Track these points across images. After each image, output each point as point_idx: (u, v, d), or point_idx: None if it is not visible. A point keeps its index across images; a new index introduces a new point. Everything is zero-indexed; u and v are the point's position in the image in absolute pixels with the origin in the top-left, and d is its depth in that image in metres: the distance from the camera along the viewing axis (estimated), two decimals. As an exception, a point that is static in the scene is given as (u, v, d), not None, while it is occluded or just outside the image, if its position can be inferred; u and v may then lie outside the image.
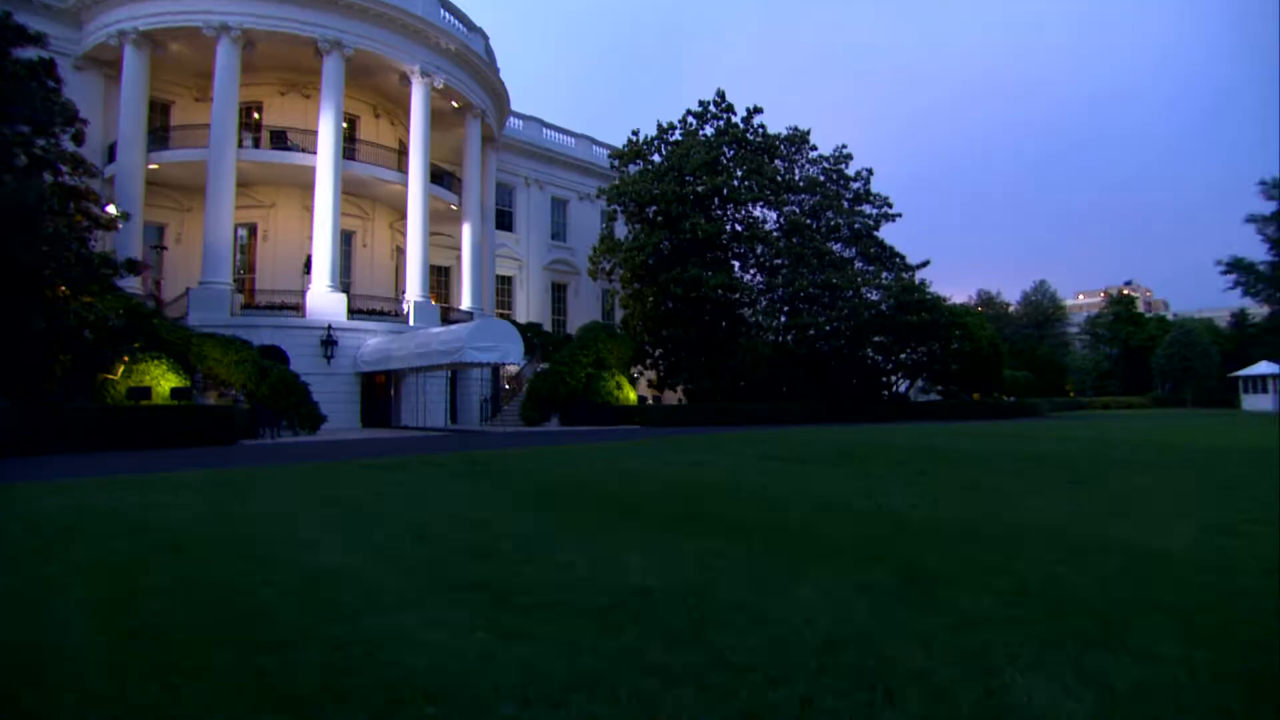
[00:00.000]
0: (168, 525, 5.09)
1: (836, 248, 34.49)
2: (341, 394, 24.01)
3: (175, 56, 25.66)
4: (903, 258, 35.13)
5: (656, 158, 33.72)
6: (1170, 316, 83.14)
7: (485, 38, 30.63)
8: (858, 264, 34.78)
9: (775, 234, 32.85)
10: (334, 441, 16.89)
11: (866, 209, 35.13)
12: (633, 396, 27.81)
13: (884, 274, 34.21)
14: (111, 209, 20.60)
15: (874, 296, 32.69)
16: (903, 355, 35.48)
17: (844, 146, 35.17)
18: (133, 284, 23.93)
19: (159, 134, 26.30)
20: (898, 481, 7.53)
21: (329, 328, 23.76)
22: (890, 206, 35.42)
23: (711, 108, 32.86)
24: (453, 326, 22.02)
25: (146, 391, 16.18)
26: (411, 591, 3.32)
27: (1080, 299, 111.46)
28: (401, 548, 4.28)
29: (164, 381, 16.88)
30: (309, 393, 19.53)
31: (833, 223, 34.80)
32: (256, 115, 27.97)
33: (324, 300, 24.21)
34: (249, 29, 24.04)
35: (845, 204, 35.07)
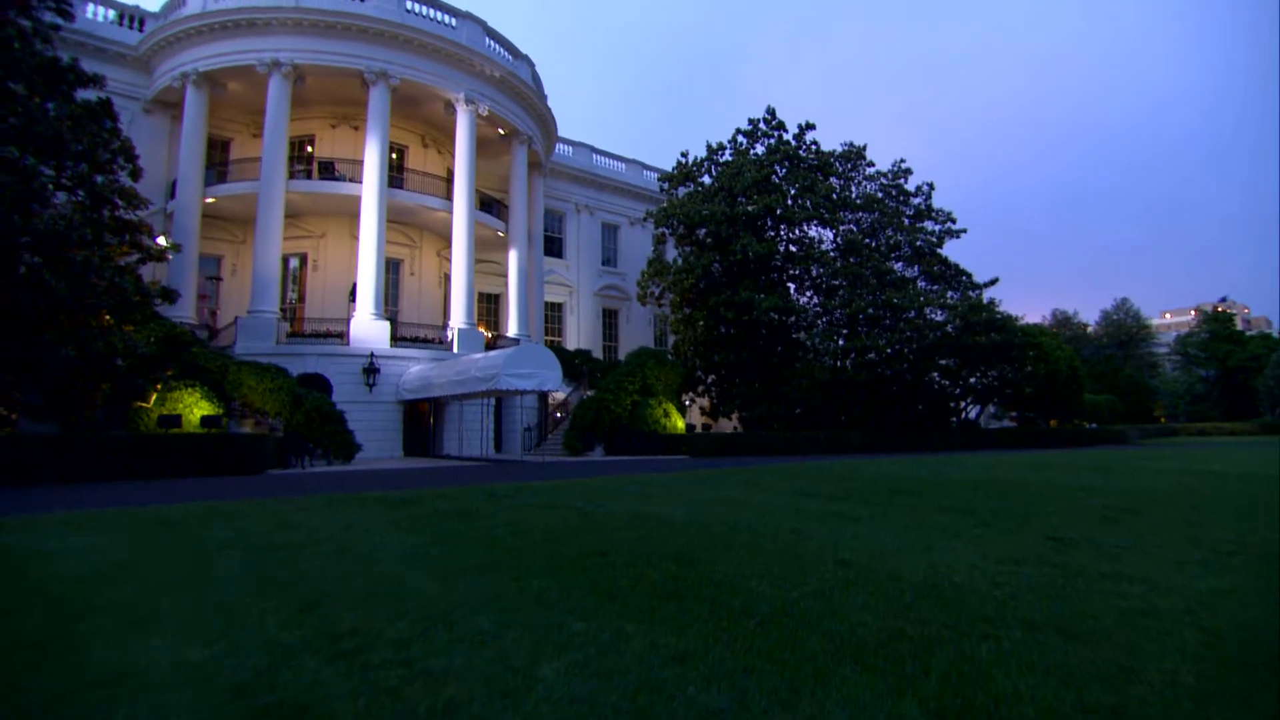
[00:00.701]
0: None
1: (898, 267, 32.57)
2: (383, 422, 23.55)
3: (234, 95, 26.23)
4: (969, 275, 32.88)
5: (706, 179, 32.70)
6: (1277, 334, 76.30)
7: (531, 65, 30.41)
8: (920, 283, 32.72)
9: (831, 254, 31.23)
10: (364, 472, 16.19)
11: (928, 225, 33.12)
12: (680, 425, 26.49)
13: (949, 293, 32.06)
14: (162, 240, 20.80)
15: (939, 317, 30.56)
16: (971, 379, 33.09)
17: (902, 161, 33.39)
18: (187, 313, 24.31)
19: (219, 169, 26.86)
20: (959, 532, 6.04)
21: (371, 355, 23.40)
22: (954, 222, 33.32)
23: (762, 125, 31.68)
24: (491, 353, 21.28)
25: (177, 419, 15.89)
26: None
27: (1167, 318, 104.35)
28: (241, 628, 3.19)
29: (196, 409, 16.61)
30: (344, 421, 19.01)
31: (892, 240, 32.91)
32: (309, 148, 28.32)
33: (367, 328, 23.93)
34: (299, 64, 24.30)
35: (905, 221, 33.18)
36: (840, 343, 31.03)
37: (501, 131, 29.64)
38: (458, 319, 26.25)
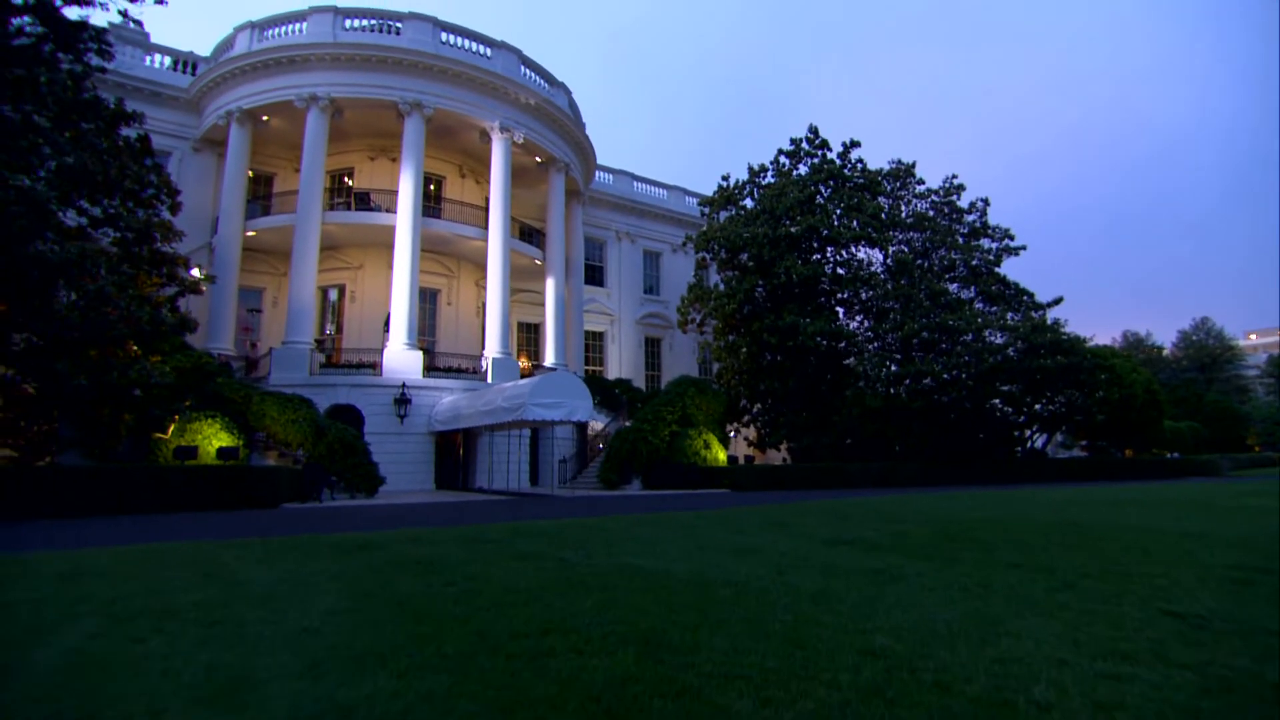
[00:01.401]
0: None
1: (953, 288, 30.58)
2: (414, 454, 22.81)
3: (276, 131, 26.45)
4: (1030, 295, 30.59)
5: (748, 202, 31.54)
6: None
7: (568, 92, 29.99)
8: (978, 304, 30.62)
9: (881, 275, 29.51)
10: (382, 506, 15.30)
11: (985, 243, 31.09)
12: (722, 456, 24.98)
13: (1009, 314, 29.86)
14: (196, 272, 20.76)
15: (998, 339, 28.39)
16: (1036, 406, 30.60)
17: (954, 176, 31.58)
18: (225, 345, 24.27)
19: (262, 203, 27.06)
20: (1035, 601, 4.57)
21: (403, 386, 22.78)
22: (1011, 239, 31.20)
23: (804, 145, 30.42)
24: (519, 382, 20.37)
25: (193, 451, 15.36)
26: None
27: (1252, 338, 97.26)
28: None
29: (215, 441, 16.09)
30: (367, 453, 18.25)
31: (946, 260, 31.01)
32: (348, 181, 28.38)
33: (400, 358, 23.37)
34: (335, 97, 24.32)
35: (959, 239, 31.25)
36: (892, 368, 29.12)
37: (538, 159, 29.18)
38: (492, 348, 25.52)
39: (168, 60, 27.05)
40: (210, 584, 5.09)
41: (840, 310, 31.21)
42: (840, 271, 29.66)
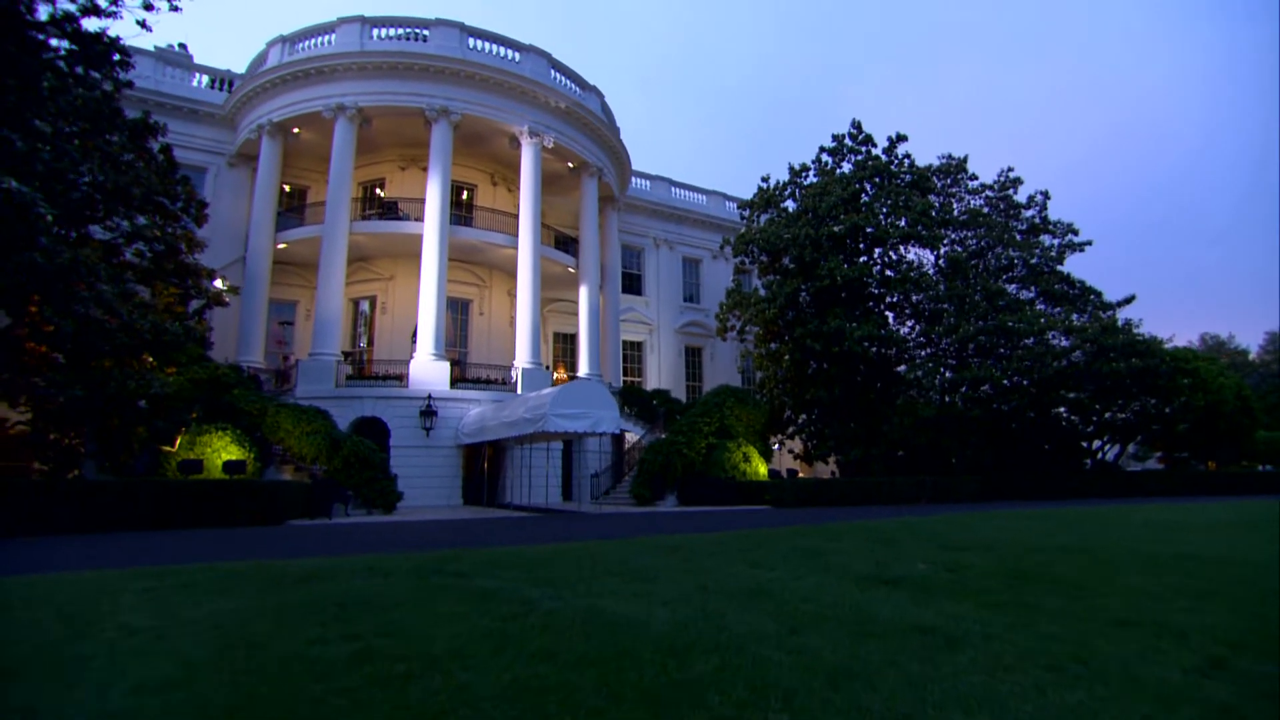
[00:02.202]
0: None
1: (1011, 289, 28.31)
2: (441, 468, 21.86)
3: (309, 144, 26.13)
4: (1098, 294, 28.03)
5: (790, 204, 29.89)
6: None
7: (600, 96, 29.00)
8: (1039, 305, 28.23)
9: (933, 276, 27.46)
10: (394, 524, 14.27)
11: (1045, 240, 28.69)
12: (763, 470, 23.32)
13: (1074, 315, 27.40)
14: (219, 283, 20.35)
15: (1064, 342, 26.00)
16: (1106, 414, 27.97)
17: (1010, 170, 29.32)
18: (255, 357, 23.87)
19: (296, 217, 26.77)
20: (1167, 690, 3.05)
21: (429, 398, 21.90)
22: (1075, 233, 28.72)
23: (848, 141, 28.64)
24: (541, 392, 19.23)
25: (197, 465, 14.65)
26: None
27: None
28: None
29: (224, 454, 15.38)
30: (385, 467, 17.30)
31: (1003, 258, 28.75)
32: (380, 192, 27.93)
33: (427, 369, 22.52)
34: (362, 106, 23.82)
35: (1017, 236, 28.94)
36: (947, 375, 26.98)
37: (570, 165, 28.23)
38: (522, 358, 24.50)
39: (205, 79, 27.14)
40: (45, 633, 3.95)
41: (889, 315, 29.25)
42: (889, 273, 27.73)
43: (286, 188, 27.90)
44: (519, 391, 23.41)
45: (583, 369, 27.33)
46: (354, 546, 9.60)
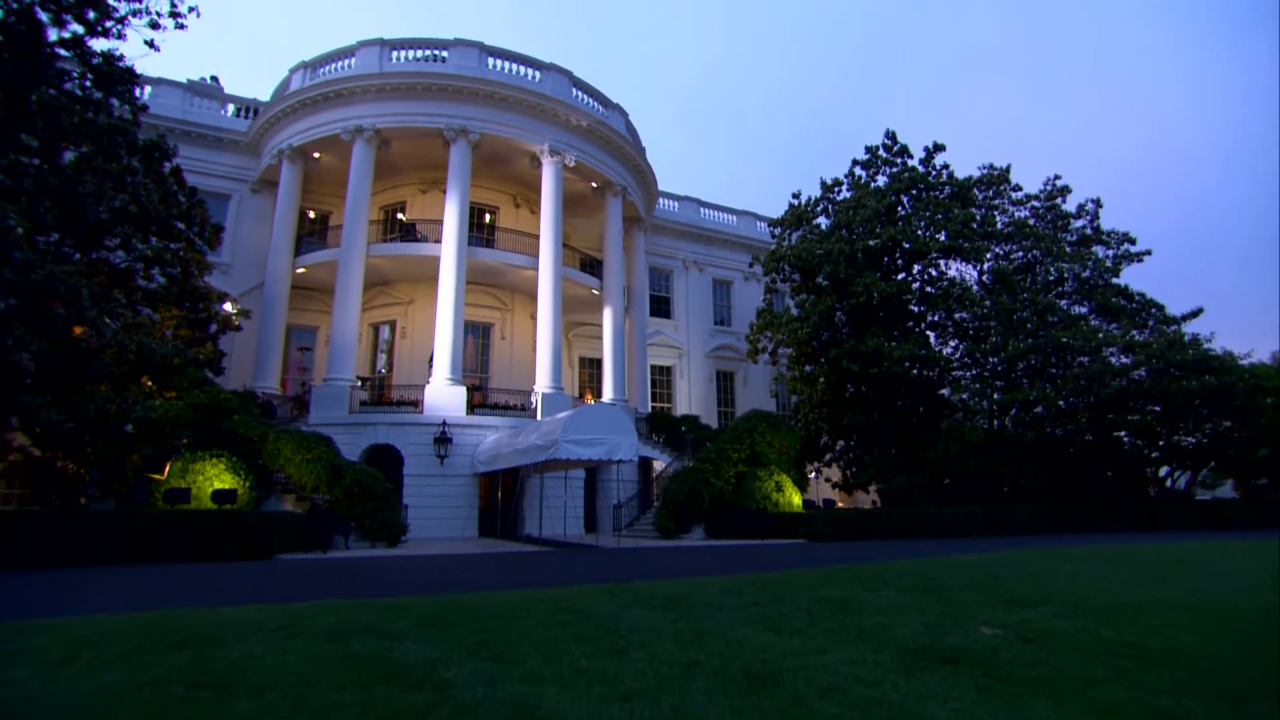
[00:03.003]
0: None
1: (1062, 304, 26.23)
2: (456, 498, 20.69)
3: (330, 170, 25.67)
4: (1159, 307, 25.75)
5: (823, 221, 28.48)
6: None
7: (624, 115, 28.14)
8: (1093, 321, 26.08)
9: (977, 292, 25.61)
10: (391, 560, 13.07)
11: (1098, 251, 26.62)
12: (797, 500, 21.58)
13: (1133, 331, 25.21)
14: (229, 307, 19.74)
15: (1123, 360, 23.81)
16: (1174, 437, 25.49)
17: (1057, 178, 27.39)
18: (271, 384, 23.21)
19: (317, 241, 26.29)
20: None
21: (443, 424, 20.82)
22: (1132, 243, 26.59)
23: (882, 153, 27.20)
24: (554, 417, 17.98)
25: (184, 494, 13.70)
26: None
27: None
28: None
29: (216, 482, 14.43)
30: (389, 497, 16.14)
31: (1054, 271, 26.74)
32: (401, 216, 27.37)
33: (442, 395, 21.50)
34: (380, 128, 23.28)
35: (1066, 248, 26.93)
36: (995, 396, 24.94)
37: (594, 185, 27.31)
38: (542, 383, 23.34)
39: (231, 107, 27.10)
40: None
41: (930, 336, 27.42)
42: (929, 290, 25.99)
43: (311, 214, 27.57)
44: (539, 417, 22.23)
45: (607, 394, 26.06)
46: (319, 589, 8.39)
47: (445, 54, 24.03)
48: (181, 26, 15.73)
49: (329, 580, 9.76)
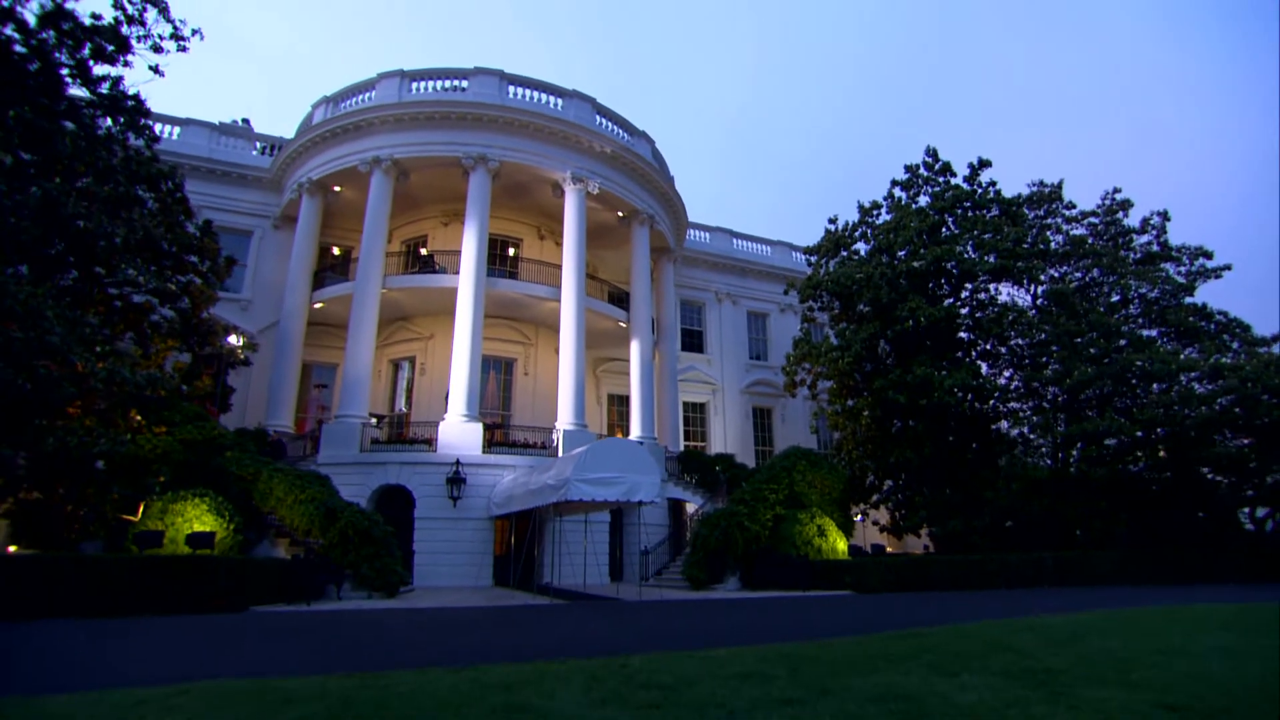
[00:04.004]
0: None
1: (1126, 327, 23.74)
2: (469, 544, 19.06)
3: (351, 205, 24.94)
4: (1245, 327, 23.04)
5: (861, 247, 26.71)
6: None
7: (650, 142, 27.03)
8: (1165, 344, 23.46)
9: (1033, 316, 23.34)
10: (387, 614, 11.48)
11: (1169, 269, 24.13)
12: (842, 546, 19.38)
13: (1215, 355, 22.55)
14: (234, 339, 18.83)
15: (1208, 387, 21.15)
16: (1270, 474, 22.47)
17: (1116, 191, 25.16)
18: (284, 422, 22.17)
19: (340, 275, 25.57)
20: None
21: (457, 463, 19.37)
22: (1208, 257, 24.05)
23: (922, 170, 25.43)
24: (567, 454, 16.36)
25: (156, 537, 12.37)
26: None
27: None
28: None
29: (198, 524, 13.12)
30: (388, 543, 14.57)
31: (1121, 289, 24.30)
32: (423, 250, 26.54)
33: (457, 432, 20.09)
34: (398, 158, 22.52)
35: (1131, 266, 24.52)
36: (1060, 428, 22.43)
37: (620, 214, 26.11)
38: (565, 419, 21.79)
39: (258, 145, 26.88)
40: None
41: (983, 366, 25.13)
42: (979, 315, 23.84)
43: (335, 250, 26.92)
44: (560, 455, 20.62)
45: (634, 431, 24.35)
46: (259, 656, 6.82)
47: (465, 83, 23.33)
48: (184, 49, 15.18)
49: (284, 641, 8.21)
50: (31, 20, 13.49)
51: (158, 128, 25.14)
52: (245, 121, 29.61)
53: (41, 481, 11.54)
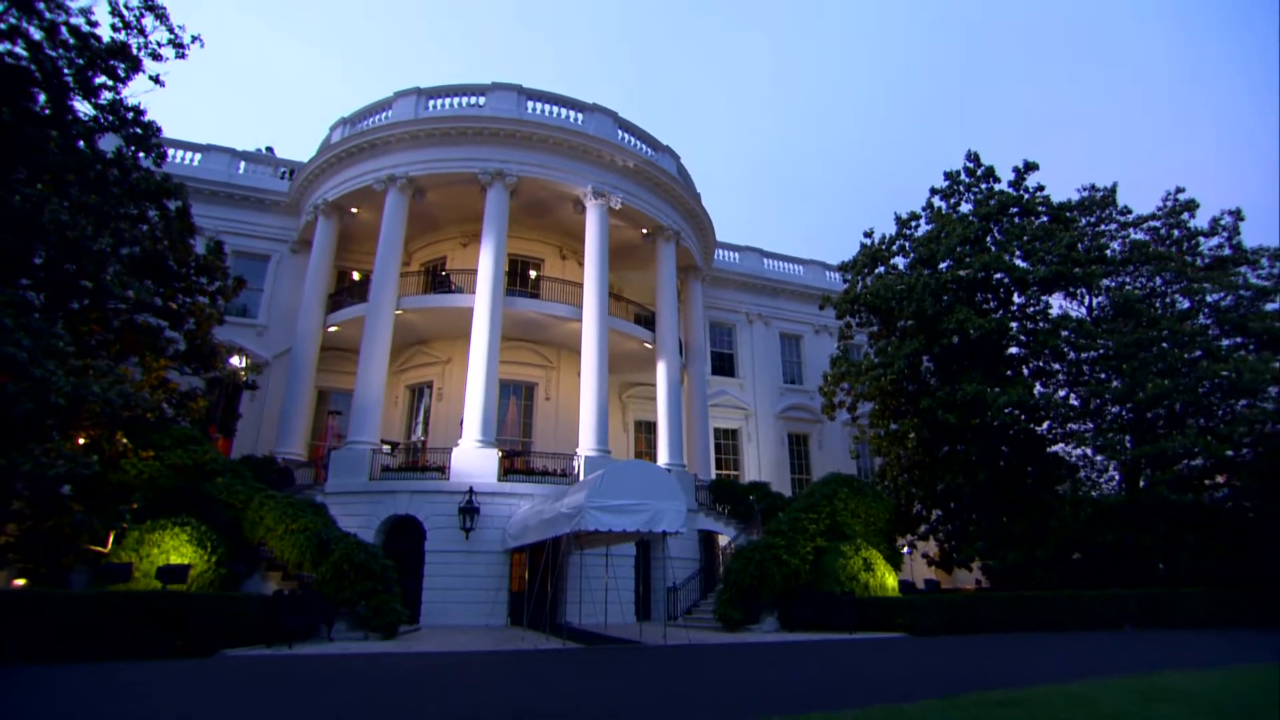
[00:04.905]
0: None
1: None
2: (483, 579, 17.50)
3: (369, 227, 24.19)
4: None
5: (900, 261, 24.97)
6: None
7: (676, 158, 25.85)
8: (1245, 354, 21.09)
9: (1093, 327, 21.25)
10: (375, 660, 9.99)
11: (1246, 272, 21.81)
12: (891, 582, 17.34)
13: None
14: (236, 360, 17.85)
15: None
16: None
17: (1180, 191, 23.09)
18: (294, 449, 21.09)
19: (358, 299, 24.73)
20: None
21: (469, 492, 17.95)
22: (1289, 260, 21.74)
23: (963, 176, 23.71)
24: (582, 480, 14.82)
25: (124, 571, 11.08)
26: None
27: None
28: None
29: (174, 555, 11.84)
30: (388, 578, 13.09)
31: (1186, 299, 22.13)
32: (443, 272, 25.57)
33: (471, 459, 18.70)
34: (413, 175, 21.64)
35: (1199, 271, 22.30)
36: (1128, 448, 20.15)
37: (645, 231, 24.86)
38: (586, 445, 20.27)
39: (282, 170, 26.44)
40: None
41: (1038, 386, 22.99)
42: (1030, 326, 21.84)
43: (356, 275, 26.10)
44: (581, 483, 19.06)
45: (662, 458, 22.68)
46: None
47: (482, 99, 22.50)
48: (182, 56, 14.45)
49: (232, 696, 6.75)
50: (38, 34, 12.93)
51: (179, 154, 24.92)
52: (269, 150, 29.32)
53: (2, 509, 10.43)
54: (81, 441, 12.70)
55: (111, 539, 12.16)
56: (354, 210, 23.60)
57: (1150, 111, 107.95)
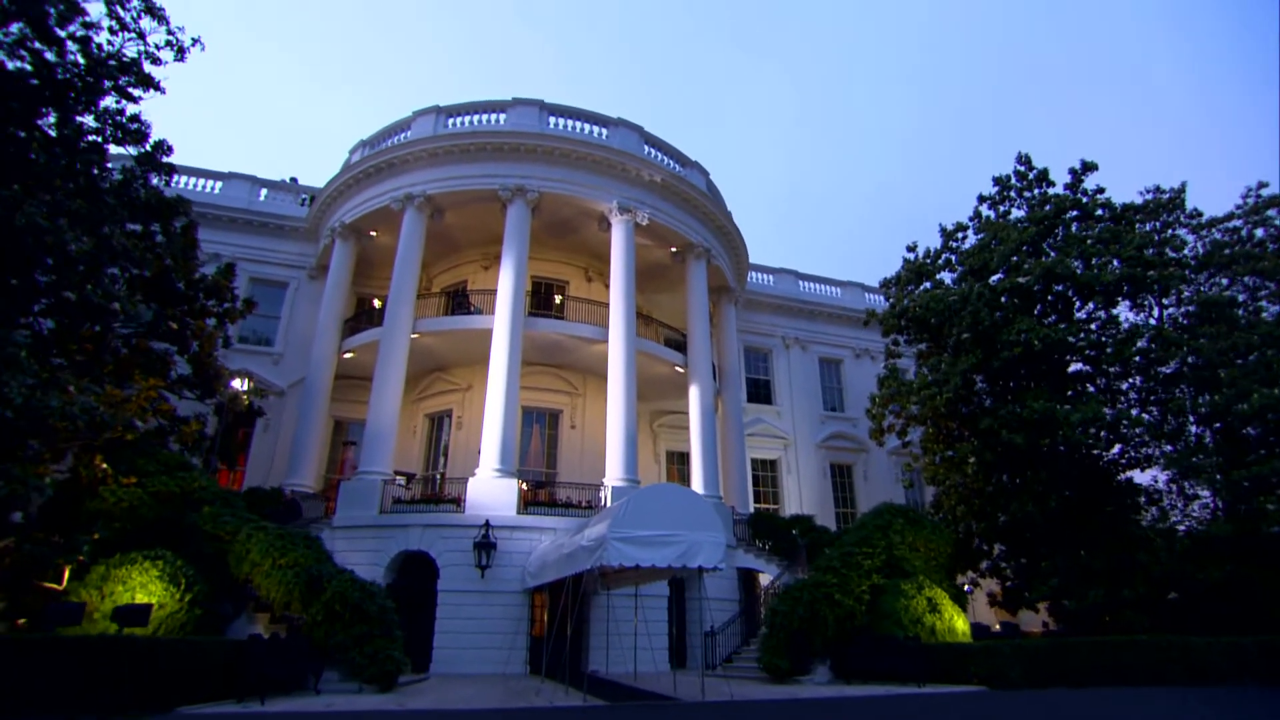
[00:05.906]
0: None
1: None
2: (499, 621, 15.68)
3: (388, 252, 23.22)
4: None
5: (946, 276, 23.11)
6: None
7: (704, 173, 24.50)
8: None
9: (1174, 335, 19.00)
10: (379, 716, 8.34)
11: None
12: (960, 625, 15.06)
13: None
14: (238, 383, 16.68)
15: None
16: None
17: (1263, 186, 20.88)
18: (305, 480, 19.78)
19: (376, 325, 23.69)
20: None
21: (485, 525, 16.30)
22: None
23: (1014, 180, 21.84)
24: (605, 509, 13.08)
25: (74, 611, 9.61)
26: None
27: None
28: None
29: (140, 594, 10.36)
30: (386, 620, 11.40)
31: (1268, 309, 19.82)
32: (463, 294, 24.45)
33: (488, 489, 17.09)
34: (430, 194, 20.63)
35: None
36: (1218, 476, 17.68)
37: (674, 249, 23.44)
38: (613, 474, 18.54)
39: (303, 197, 25.85)
40: None
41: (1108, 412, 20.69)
42: (1096, 338, 19.66)
43: (376, 302, 25.10)
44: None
45: (696, 489, 20.79)
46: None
47: (502, 116, 21.56)
48: (181, 59, 13.69)
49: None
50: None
51: (201, 182, 24.48)
52: (294, 180, 28.90)
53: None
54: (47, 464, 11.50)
55: (67, 574, 10.76)
56: (373, 234, 22.68)
57: (1151, 111, 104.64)
